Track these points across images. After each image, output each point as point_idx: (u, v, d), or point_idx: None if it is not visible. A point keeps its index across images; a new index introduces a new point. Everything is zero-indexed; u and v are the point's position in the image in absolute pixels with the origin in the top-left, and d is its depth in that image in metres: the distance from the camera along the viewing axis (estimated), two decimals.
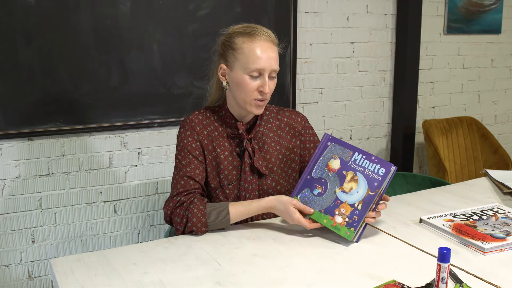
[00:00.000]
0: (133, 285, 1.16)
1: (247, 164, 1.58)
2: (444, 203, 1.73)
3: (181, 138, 1.59)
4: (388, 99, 3.42)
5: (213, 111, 1.64)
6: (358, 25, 3.20)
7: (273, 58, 1.52)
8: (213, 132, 1.60)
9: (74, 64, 2.43)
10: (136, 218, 2.74)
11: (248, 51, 1.50)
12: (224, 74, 1.58)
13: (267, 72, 1.50)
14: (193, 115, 1.62)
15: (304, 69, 3.08)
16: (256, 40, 1.51)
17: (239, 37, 1.52)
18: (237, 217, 1.49)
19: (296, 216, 1.44)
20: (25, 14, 2.30)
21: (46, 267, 2.56)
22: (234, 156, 1.60)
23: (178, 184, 1.54)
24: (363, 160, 1.47)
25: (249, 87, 1.50)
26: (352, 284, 1.17)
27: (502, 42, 3.78)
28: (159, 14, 2.57)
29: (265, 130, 1.64)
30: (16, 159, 2.43)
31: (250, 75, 1.50)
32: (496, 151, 3.48)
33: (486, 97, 3.82)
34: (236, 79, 1.52)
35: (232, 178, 1.59)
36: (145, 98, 2.61)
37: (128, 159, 2.67)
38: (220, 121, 1.62)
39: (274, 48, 1.54)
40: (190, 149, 1.57)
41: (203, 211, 1.47)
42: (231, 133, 1.60)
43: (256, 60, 1.49)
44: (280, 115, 1.68)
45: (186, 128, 1.59)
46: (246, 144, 1.59)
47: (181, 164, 1.56)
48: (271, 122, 1.65)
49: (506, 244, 1.35)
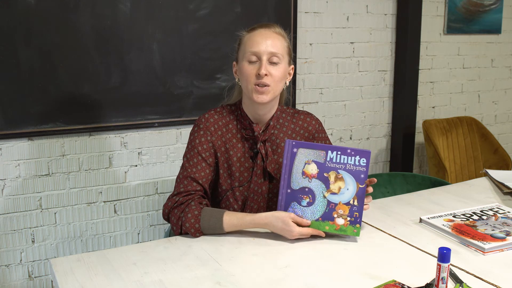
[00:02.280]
0: (133, 285, 1.16)
1: (259, 166, 1.56)
2: (444, 203, 1.73)
3: (193, 137, 1.57)
4: (388, 99, 3.42)
5: (230, 110, 1.62)
6: (358, 25, 3.20)
7: (271, 43, 1.50)
8: (228, 133, 1.58)
9: (74, 64, 2.43)
10: (136, 218, 2.74)
11: (247, 39, 1.53)
12: (236, 71, 1.60)
13: (265, 55, 1.49)
14: (209, 114, 1.60)
15: (304, 69, 3.08)
16: (256, 29, 1.54)
17: (243, 33, 1.57)
18: (230, 227, 1.45)
19: (297, 230, 1.40)
20: (25, 14, 2.30)
21: (46, 267, 2.56)
22: (247, 158, 1.58)
23: (181, 184, 1.53)
24: (339, 156, 1.42)
25: (247, 72, 1.51)
26: (352, 284, 1.17)
27: (502, 42, 3.78)
28: (159, 14, 2.57)
29: (279, 133, 1.61)
30: (16, 159, 2.43)
31: (249, 61, 1.51)
32: (496, 151, 3.48)
33: (486, 97, 3.82)
34: (240, 69, 1.55)
35: (243, 180, 1.57)
36: (145, 98, 2.61)
37: (128, 159, 2.67)
38: (235, 121, 1.60)
39: (275, 36, 1.53)
40: (200, 149, 1.55)
41: (197, 217, 1.44)
42: (245, 134, 1.58)
43: (252, 45, 1.51)
44: (295, 118, 1.65)
45: (201, 127, 1.57)
46: (260, 146, 1.57)
47: (188, 164, 1.54)
48: (286, 126, 1.63)
49: (506, 244, 1.35)
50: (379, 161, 3.49)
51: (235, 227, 1.45)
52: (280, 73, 1.51)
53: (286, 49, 1.55)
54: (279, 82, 1.52)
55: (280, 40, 1.53)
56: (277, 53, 1.50)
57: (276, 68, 1.51)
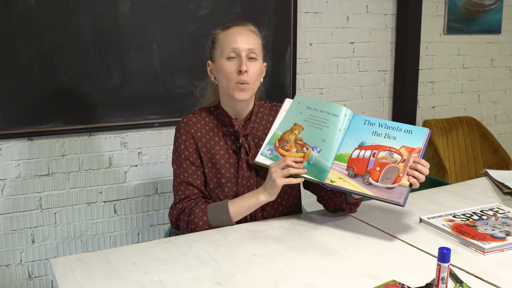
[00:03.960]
0: (133, 285, 1.16)
1: (243, 160, 1.59)
2: (444, 203, 1.73)
3: (178, 144, 1.60)
4: (388, 99, 3.43)
5: (209, 111, 1.65)
6: (358, 25, 3.20)
7: (248, 40, 1.53)
8: (209, 132, 1.61)
9: (74, 64, 2.43)
10: (136, 218, 2.74)
11: (223, 37, 1.56)
12: (211, 70, 1.62)
13: (244, 52, 1.52)
14: (187, 118, 1.63)
15: (304, 69, 3.08)
16: (231, 27, 1.57)
17: (218, 32, 1.59)
18: (236, 208, 1.50)
19: (276, 173, 1.43)
20: (25, 14, 2.30)
21: (46, 267, 2.56)
22: (231, 153, 1.60)
23: (178, 191, 1.58)
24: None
25: (227, 69, 1.52)
26: (352, 284, 1.17)
27: (502, 42, 3.78)
28: (159, 14, 2.57)
29: (259, 127, 1.64)
30: (16, 159, 2.43)
31: (228, 57, 1.53)
32: (496, 151, 3.48)
33: (486, 97, 3.82)
34: (218, 68, 1.56)
35: (229, 176, 1.59)
36: (145, 98, 2.61)
37: (128, 159, 2.67)
38: (215, 121, 1.63)
39: (250, 33, 1.56)
40: (187, 154, 1.58)
41: (204, 210, 1.50)
42: (226, 131, 1.61)
43: (230, 42, 1.53)
44: (273, 111, 1.68)
45: (181, 132, 1.60)
46: (242, 140, 1.60)
47: (179, 171, 1.59)
48: (265, 119, 1.66)
49: (506, 244, 1.35)
50: None
51: (239, 207, 1.51)
52: (257, 70, 1.55)
53: (261, 47, 1.59)
54: (257, 79, 1.57)
55: (255, 38, 1.57)
56: (255, 49, 1.54)
57: (254, 64, 1.54)
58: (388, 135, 1.44)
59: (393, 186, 1.36)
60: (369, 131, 1.47)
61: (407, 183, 1.36)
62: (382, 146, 1.43)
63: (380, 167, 1.40)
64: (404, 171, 1.38)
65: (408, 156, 1.40)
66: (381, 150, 1.42)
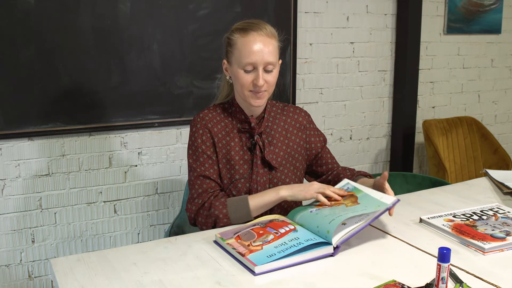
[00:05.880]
0: (133, 285, 1.16)
1: (258, 157, 1.60)
2: (444, 203, 1.73)
3: (194, 138, 1.60)
4: (388, 99, 3.43)
5: (223, 108, 1.65)
6: (358, 25, 3.20)
7: (266, 52, 1.51)
8: (224, 128, 1.62)
9: (74, 64, 2.43)
10: (136, 218, 2.74)
11: (241, 46, 1.51)
12: (227, 69, 1.61)
13: (261, 66, 1.51)
14: (203, 113, 1.63)
15: (304, 69, 3.08)
16: (249, 34, 1.51)
17: (236, 34, 1.54)
18: (255, 203, 1.51)
19: (318, 184, 1.50)
20: (25, 14, 2.30)
21: (46, 267, 2.56)
22: (245, 150, 1.61)
23: (195, 185, 1.57)
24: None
25: (243, 81, 1.52)
26: (352, 284, 1.17)
27: (502, 42, 3.78)
28: (159, 14, 2.57)
29: (273, 125, 1.66)
30: (16, 159, 2.43)
31: (244, 70, 1.52)
32: (496, 151, 3.48)
33: (486, 97, 3.82)
34: (234, 74, 1.56)
35: (243, 172, 1.60)
36: (145, 98, 2.61)
37: (128, 159, 2.67)
38: (230, 117, 1.63)
39: (268, 41, 1.52)
40: (204, 148, 1.58)
41: (224, 203, 1.51)
42: (241, 128, 1.61)
43: (248, 54, 1.50)
44: (285, 111, 1.71)
45: (198, 127, 1.60)
46: (257, 138, 1.61)
47: (195, 164, 1.58)
48: (278, 118, 1.68)
49: (506, 244, 1.35)
50: (379, 161, 3.49)
51: (258, 202, 1.52)
52: (274, 78, 1.55)
53: (278, 50, 1.57)
54: (274, 84, 1.57)
55: (273, 44, 1.54)
56: (273, 62, 1.53)
57: (271, 74, 1.54)
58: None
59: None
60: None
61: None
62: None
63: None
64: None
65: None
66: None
